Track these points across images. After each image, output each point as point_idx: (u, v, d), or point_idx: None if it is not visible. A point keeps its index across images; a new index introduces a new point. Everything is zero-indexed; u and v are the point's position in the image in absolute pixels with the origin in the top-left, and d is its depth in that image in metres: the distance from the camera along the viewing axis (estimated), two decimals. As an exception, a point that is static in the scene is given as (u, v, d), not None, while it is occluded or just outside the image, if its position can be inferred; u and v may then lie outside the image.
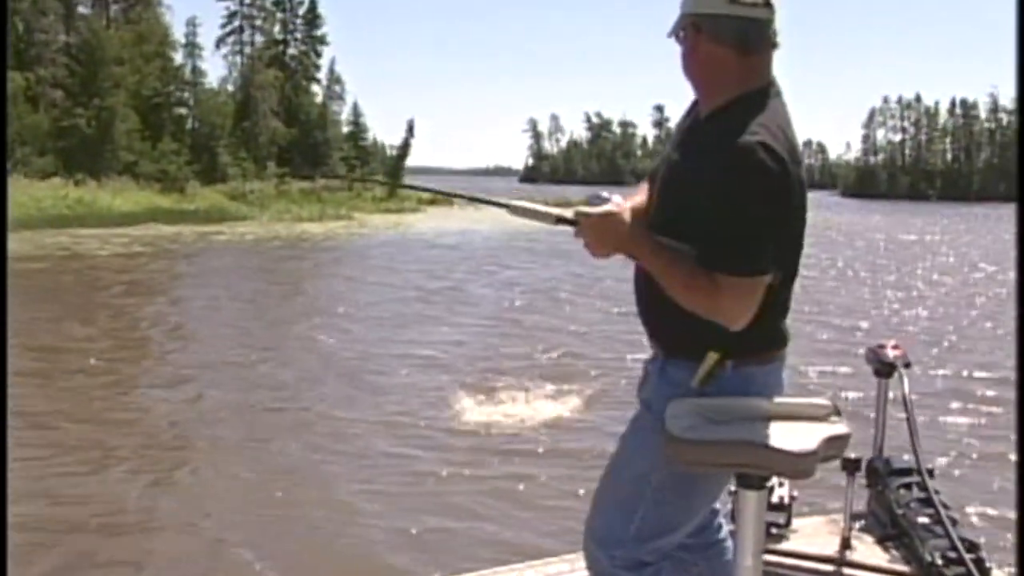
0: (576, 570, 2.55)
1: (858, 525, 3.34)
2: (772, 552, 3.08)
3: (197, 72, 57.90)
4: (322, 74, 69.86)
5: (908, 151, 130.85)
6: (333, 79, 70.49)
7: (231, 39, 65.43)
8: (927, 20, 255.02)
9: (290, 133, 60.45)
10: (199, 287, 18.87)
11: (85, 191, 39.17)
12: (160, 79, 52.80)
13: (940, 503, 3.11)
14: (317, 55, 69.31)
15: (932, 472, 3.25)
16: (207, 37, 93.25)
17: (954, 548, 2.97)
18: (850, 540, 3.22)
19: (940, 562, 2.97)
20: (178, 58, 56.80)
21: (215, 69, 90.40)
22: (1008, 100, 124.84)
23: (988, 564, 2.97)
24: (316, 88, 69.38)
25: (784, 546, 3.22)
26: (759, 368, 2.34)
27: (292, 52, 68.26)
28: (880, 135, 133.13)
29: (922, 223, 53.29)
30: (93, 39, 48.30)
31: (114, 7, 56.39)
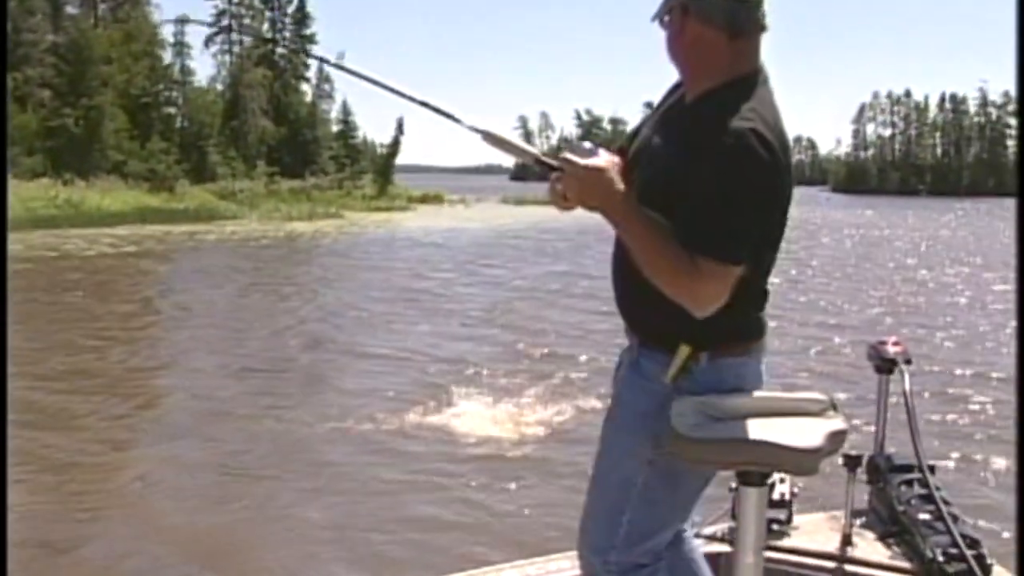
0: (577, 567, 2.52)
1: (859, 522, 3.32)
2: (773, 548, 3.06)
3: (186, 71, 57.89)
4: (311, 73, 69.92)
5: (898, 146, 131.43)
6: (322, 78, 70.40)
7: (220, 38, 65.36)
8: (917, 15, 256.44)
9: (279, 132, 60.35)
10: (181, 288, 18.69)
11: (73, 191, 39.07)
12: (148, 78, 52.71)
13: (941, 499, 3.10)
14: (307, 54, 69.30)
15: (933, 468, 3.23)
16: (196, 36, 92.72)
17: (955, 545, 2.95)
18: (851, 537, 3.21)
19: (941, 559, 2.95)
20: (166, 57, 56.80)
21: (204, 68, 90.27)
22: (997, 95, 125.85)
23: (989, 561, 2.95)
24: (305, 87, 69.41)
25: (785, 543, 3.21)
26: (734, 360, 2.28)
27: (281, 51, 68.14)
28: (870, 130, 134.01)
29: (921, 217, 53.47)
30: (81, 38, 48.20)
31: (102, 6, 56.25)
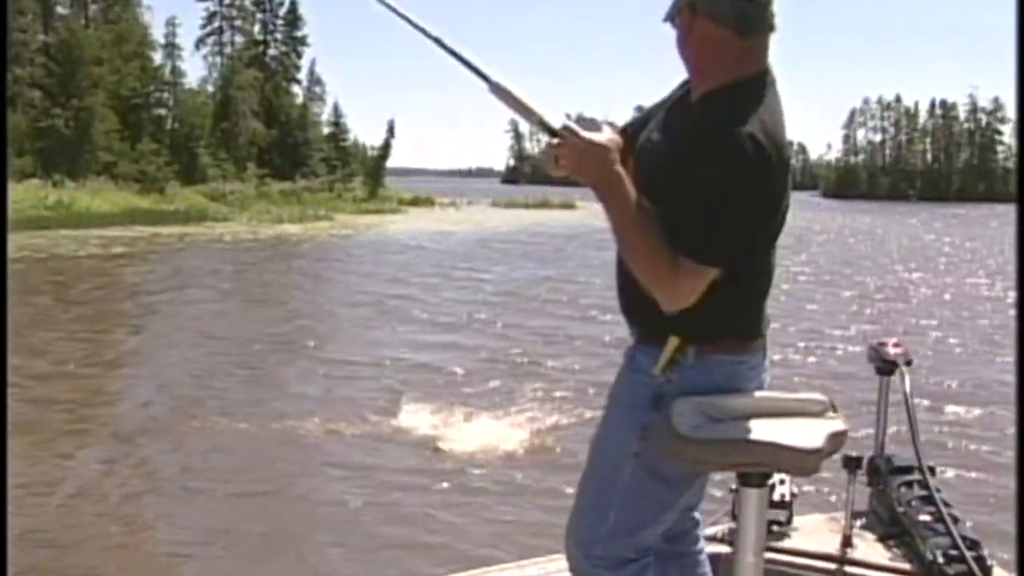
0: None
1: (859, 523, 3.31)
2: (773, 550, 3.05)
3: (177, 72, 57.98)
4: (302, 75, 70.03)
5: (888, 151, 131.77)
6: (313, 80, 70.57)
7: (211, 40, 65.44)
8: (907, 21, 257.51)
9: (270, 134, 60.42)
10: (161, 289, 18.62)
11: (64, 192, 39.08)
12: (139, 79, 52.82)
13: (941, 501, 3.08)
14: (298, 56, 69.48)
15: (933, 470, 3.22)
16: (187, 37, 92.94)
17: (955, 546, 2.94)
18: (851, 538, 3.20)
19: (941, 560, 2.94)
20: (157, 58, 56.94)
21: (195, 69, 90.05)
22: (987, 101, 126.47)
23: (990, 562, 2.94)
24: (296, 89, 69.58)
25: (785, 544, 3.20)
26: (726, 357, 2.26)
27: (272, 53, 68.35)
28: (861, 136, 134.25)
29: (916, 222, 53.67)
30: (71, 39, 48.20)
31: (93, 7, 56.30)
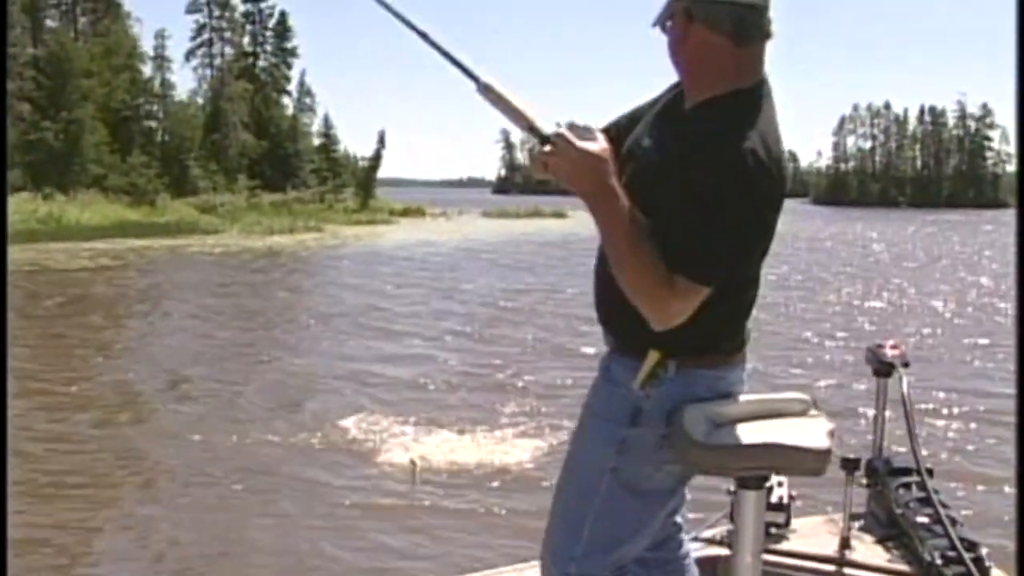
0: None
1: (857, 525, 3.32)
2: (771, 552, 3.06)
3: (166, 85, 58.08)
4: (292, 86, 70.00)
5: (878, 158, 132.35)
6: (304, 91, 70.48)
7: (200, 51, 65.45)
8: (896, 29, 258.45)
9: (260, 145, 60.33)
10: (146, 302, 18.48)
11: (54, 205, 38.95)
12: (129, 92, 52.76)
13: (939, 502, 3.08)
14: (288, 67, 69.50)
15: (931, 471, 3.21)
16: (176, 49, 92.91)
17: (953, 547, 2.94)
18: (849, 540, 3.21)
19: (939, 561, 2.94)
20: (147, 71, 56.95)
21: (184, 82, 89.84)
22: (976, 108, 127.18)
23: (987, 563, 2.94)
24: (287, 100, 69.55)
25: (783, 546, 3.20)
26: (707, 372, 2.22)
27: (262, 64, 68.39)
28: (850, 142, 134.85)
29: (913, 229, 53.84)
30: (61, 52, 48.12)
31: (82, 20, 56.33)
